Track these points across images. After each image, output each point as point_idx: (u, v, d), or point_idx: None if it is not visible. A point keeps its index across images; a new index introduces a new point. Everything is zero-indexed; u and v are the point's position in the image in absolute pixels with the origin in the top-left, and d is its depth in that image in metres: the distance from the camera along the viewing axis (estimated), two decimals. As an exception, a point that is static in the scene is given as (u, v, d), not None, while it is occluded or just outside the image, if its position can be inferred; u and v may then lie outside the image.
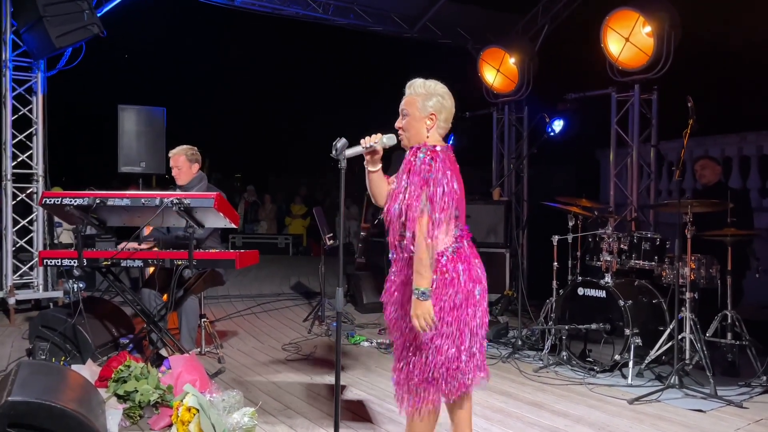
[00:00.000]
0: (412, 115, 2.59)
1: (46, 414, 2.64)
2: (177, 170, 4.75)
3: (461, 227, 2.61)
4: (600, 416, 3.78)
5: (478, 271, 2.61)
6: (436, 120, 2.59)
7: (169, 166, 4.85)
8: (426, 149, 2.50)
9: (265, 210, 15.43)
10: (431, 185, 2.43)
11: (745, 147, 8.18)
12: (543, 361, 4.85)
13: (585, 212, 5.18)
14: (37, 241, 6.57)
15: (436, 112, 2.58)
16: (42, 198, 3.90)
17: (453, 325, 2.52)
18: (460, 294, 2.52)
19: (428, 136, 2.59)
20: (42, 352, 4.29)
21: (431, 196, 2.43)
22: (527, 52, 7.91)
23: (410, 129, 2.61)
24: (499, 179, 8.37)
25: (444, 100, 2.61)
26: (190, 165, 4.77)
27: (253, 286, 8.78)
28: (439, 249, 2.53)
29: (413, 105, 2.59)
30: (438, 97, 2.59)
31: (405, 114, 2.61)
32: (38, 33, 5.80)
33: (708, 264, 4.71)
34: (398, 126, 2.64)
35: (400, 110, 2.64)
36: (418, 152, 2.51)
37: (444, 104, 2.61)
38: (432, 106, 2.58)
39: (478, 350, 2.59)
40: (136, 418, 3.51)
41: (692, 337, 4.34)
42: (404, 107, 2.62)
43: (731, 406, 3.92)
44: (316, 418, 3.66)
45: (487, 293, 2.64)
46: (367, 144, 2.60)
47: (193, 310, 4.67)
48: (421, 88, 2.60)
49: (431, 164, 2.45)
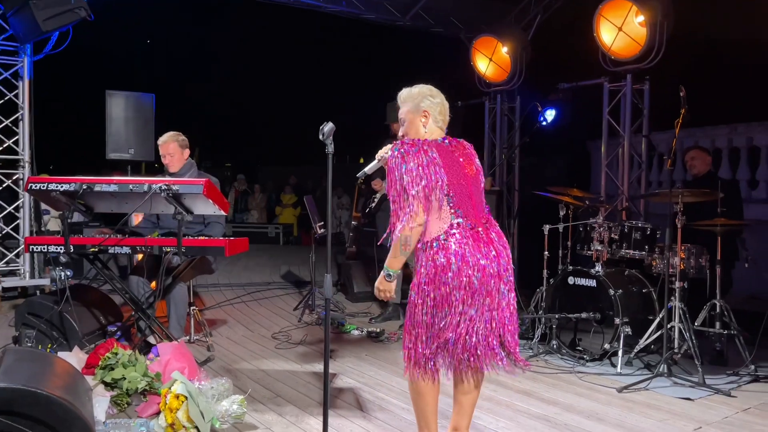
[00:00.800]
0: (408, 121, 2.84)
1: (31, 401, 2.60)
2: (169, 157, 4.71)
3: (461, 214, 2.68)
4: (589, 404, 3.79)
5: (478, 258, 2.64)
6: (430, 116, 2.81)
7: (159, 154, 4.80)
8: (401, 143, 2.69)
9: (255, 199, 15.36)
10: (404, 174, 2.62)
11: (735, 138, 8.21)
12: (533, 350, 4.86)
13: (576, 202, 5.18)
14: (24, 227, 6.49)
15: (427, 109, 2.81)
16: (28, 183, 3.83)
17: (448, 316, 2.62)
18: (453, 281, 2.60)
19: (426, 131, 2.81)
20: (28, 340, 4.24)
21: (407, 186, 2.61)
22: (520, 41, 7.87)
23: (409, 132, 2.84)
24: (491, 169, 8.35)
25: (432, 97, 2.84)
26: (182, 151, 4.75)
27: (243, 275, 8.74)
28: (431, 236, 2.64)
29: (405, 113, 2.85)
30: (426, 97, 2.83)
31: (403, 122, 2.87)
32: (24, 16, 5.70)
33: (698, 254, 4.73)
34: (400, 135, 2.88)
35: (400, 121, 2.89)
36: (393, 149, 2.70)
37: (433, 101, 2.83)
38: (423, 107, 2.82)
39: (488, 333, 2.70)
40: (124, 406, 3.48)
41: (681, 326, 4.36)
42: (401, 116, 2.87)
43: (719, 395, 3.94)
44: (306, 406, 3.65)
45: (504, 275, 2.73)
46: (379, 156, 2.89)
47: (181, 298, 4.64)
48: (410, 96, 2.85)
49: (404, 156, 2.64)
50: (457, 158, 2.77)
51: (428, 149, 2.67)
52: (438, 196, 2.62)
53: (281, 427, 3.34)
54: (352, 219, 8.07)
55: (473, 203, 2.76)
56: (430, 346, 2.66)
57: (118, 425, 3.19)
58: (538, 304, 5.21)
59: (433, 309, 2.64)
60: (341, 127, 2.79)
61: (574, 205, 5.19)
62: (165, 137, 4.75)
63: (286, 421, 3.42)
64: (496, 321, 2.72)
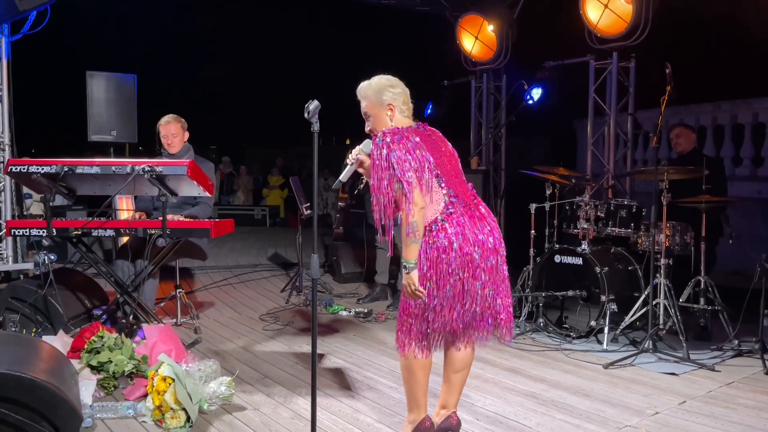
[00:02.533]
0: (374, 116, 2.80)
1: (15, 385, 2.58)
2: (172, 137, 4.73)
3: (453, 193, 2.69)
4: (576, 381, 3.83)
5: (476, 234, 2.67)
6: (395, 108, 2.78)
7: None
8: (383, 133, 2.65)
9: (241, 181, 15.26)
10: (394, 165, 2.58)
11: (720, 116, 8.25)
12: (520, 328, 4.89)
13: (562, 180, 5.18)
14: (5, 211, 6.37)
15: (391, 102, 2.78)
16: (8, 166, 3.76)
17: (451, 291, 2.63)
18: (456, 260, 2.62)
19: (393, 124, 2.77)
20: (12, 324, 4.19)
21: (400, 173, 2.57)
22: (506, 19, 7.81)
23: (377, 127, 2.79)
24: (477, 148, 8.34)
25: (394, 88, 2.79)
26: (183, 133, 4.79)
27: (230, 257, 8.70)
28: (428, 220, 2.65)
29: (370, 107, 2.80)
30: (387, 89, 2.78)
31: (368, 116, 2.82)
32: (0, -5, 5.55)
33: (683, 231, 4.77)
34: (368, 130, 2.83)
35: (364, 115, 2.84)
36: (375, 141, 2.66)
37: (395, 91, 2.79)
38: (387, 99, 2.77)
39: (488, 307, 2.72)
40: (111, 389, 3.46)
41: (666, 302, 4.40)
42: (365, 111, 2.83)
43: (703, 370, 4.00)
44: (294, 387, 3.65)
45: (500, 249, 2.75)
46: (352, 159, 2.83)
47: (151, 284, 4.55)
48: (369, 90, 2.80)
49: (389, 146, 2.60)
50: (435, 141, 2.80)
51: (409, 135, 2.67)
52: (428, 178, 2.62)
53: (270, 407, 3.34)
54: (338, 200, 8.04)
55: (460, 181, 2.78)
56: (432, 325, 2.67)
57: (105, 408, 3.18)
58: (524, 282, 5.24)
59: (435, 290, 2.63)
60: (327, 109, 2.75)
61: (561, 183, 5.20)
62: (168, 118, 4.78)
63: (275, 401, 3.43)
64: (495, 295, 2.73)
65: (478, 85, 8.44)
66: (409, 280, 2.62)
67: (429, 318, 2.67)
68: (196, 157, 4.73)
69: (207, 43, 16.86)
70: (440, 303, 2.64)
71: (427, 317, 2.67)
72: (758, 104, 7.81)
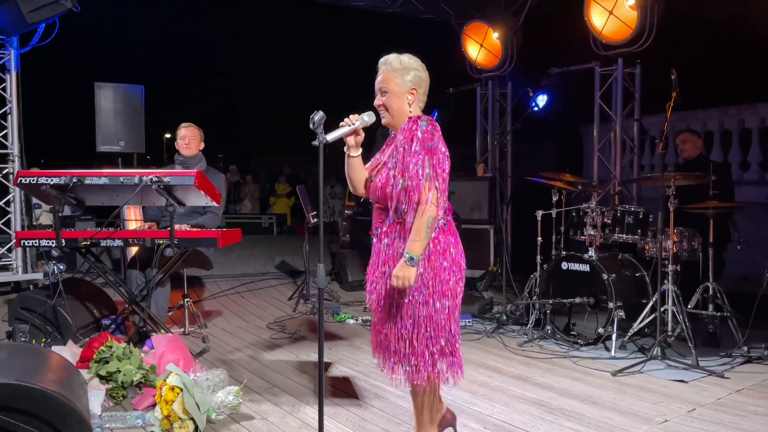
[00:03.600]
0: (392, 92, 2.56)
1: (26, 396, 2.59)
2: (191, 139, 4.85)
3: (446, 202, 2.62)
4: (584, 388, 3.81)
5: (461, 246, 2.64)
6: (417, 94, 2.58)
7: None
8: (426, 119, 2.49)
9: (247, 189, 15.32)
10: (435, 153, 2.45)
11: (727, 121, 8.23)
12: (527, 336, 4.88)
13: (569, 187, 5.18)
14: (15, 222, 6.44)
15: (416, 87, 2.57)
16: (17, 177, 3.80)
17: (450, 299, 2.56)
18: (453, 266, 2.57)
19: (411, 111, 2.58)
20: (22, 335, 4.23)
21: (435, 165, 2.44)
22: (511, 26, 7.83)
23: (392, 105, 2.57)
24: (483, 155, 8.34)
25: (421, 73, 2.59)
26: (200, 140, 4.91)
27: (237, 266, 8.73)
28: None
29: (392, 81, 2.56)
30: (415, 71, 2.57)
31: (384, 91, 2.57)
32: (9, 8, 5.63)
33: (690, 237, 4.75)
34: (378, 104, 2.60)
35: (378, 88, 2.60)
36: (419, 121, 2.49)
37: (422, 77, 2.60)
38: (411, 81, 2.56)
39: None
40: (120, 399, 3.48)
41: (674, 309, 4.38)
42: (383, 84, 2.58)
43: (713, 377, 3.97)
44: (301, 395, 3.65)
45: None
46: (351, 123, 2.54)
47: (163, 293, 4.59)
48: (397, 63, 2.57)
49: (434, 133, 2.46)
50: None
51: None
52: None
53: (277, 416, 3.34)
54: (345, 208, 8.06)
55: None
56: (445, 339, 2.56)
57: (113, 418, 3.19)
58: (532, 289, 5.23)
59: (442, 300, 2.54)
60: (330, 117, 2.69)
61: (567, 190, 5.20)
62: (189, 123, 4.92)
63: (282, 410, 3.43)
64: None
65: (484, 92, 8.46)
66: (408, 273, 2.43)
67: (447, 333, 2.54)
68: (208, 168, 4.80)
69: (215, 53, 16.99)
70: (441, 314, 2.55)
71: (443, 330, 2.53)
72: (765, 109, 7.79)
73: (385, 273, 2.61)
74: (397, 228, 2.57)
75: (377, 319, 2.69)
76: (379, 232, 2.65)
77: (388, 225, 2.60)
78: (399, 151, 2.52)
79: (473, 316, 5.49)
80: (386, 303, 2.60)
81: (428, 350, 2.53)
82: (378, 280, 2.65)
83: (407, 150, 2.47)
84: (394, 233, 2.59)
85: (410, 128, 2.50)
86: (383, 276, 2.61)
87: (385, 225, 2.61)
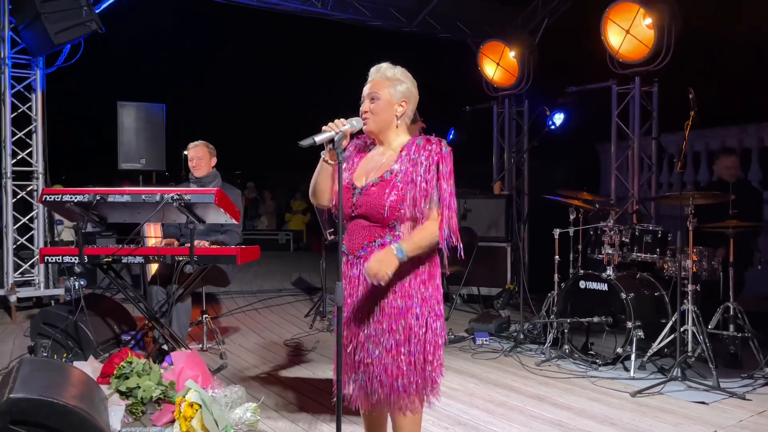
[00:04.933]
0: (382, 99, 2.44)
1: (48, 411, 2.63)
2: (197, 160, 4.86)
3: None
4: (603, 409, 3.78)
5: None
6: (406, 108, 2.48)
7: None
8: (445, 143, 2.41)
9: (264, 206, 15.43)
10: (451, 178, 2.38)
11: (746, 139, 8.16)
12: (545, 355, 4.85)
13: (586, 205, 5.17)
14: (38, 238, 6.56)
15: (406, 99, 2.47)
16: (42, 195, 3.88)
17: (441, 326, 2.48)
18: (438, 296, 2.49)
19: (398, 124, 2.48)
20: (44, 350, 4.29)
21: (452, 193, 2.38)
22: (527, 45, 7.88)
23: (380, 113, 2.45)
24: (500, 173, 8.36)
25: (412, 87, 2.50)
26: (210, 158, 4.92)
27: (254, 282, 8.78)
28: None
29: (383, 89, 2.45)
30: (407, 84, 2.48)
31: (375, 98, 2.45)
32: (37, 30, 5.78)
33: (710, 256, 4.71)
34: (365, 110, 2.46)
35: (367, 94, 2.47)
36: (442, 145, 2.39)
37: (413, 92, 2.50)
38: (402, 93, 2.46)
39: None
40: (139, 414, 3.51)
41: (694, 329, 4.34)
42: (374, 90, 2.45)
43: (734, 398, 3.91)
44: (319, 413, 3.66)
45: None
46: (340, 128, 2.34)
47: (184, 308, 4.62)
48: (391, 72, 2.47)
49: (451, 157, 2.39)
50: None
51: None
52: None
53: (295, 434, 3.35)
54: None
55: None
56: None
57: (133, 434, 3.22)
58: (549, 308, 5.20)
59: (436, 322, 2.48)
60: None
61: (585, 208, 5.19)
62: (196, 142, 4.94)
63: (300, 428, 3.44)
64: None
65: (500, 110, 8.49)
66: (391, 265, 2.28)
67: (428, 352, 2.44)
68: (223, 184, 4.83)
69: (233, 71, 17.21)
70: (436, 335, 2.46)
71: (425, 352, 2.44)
72: (785, 126, 7.72)
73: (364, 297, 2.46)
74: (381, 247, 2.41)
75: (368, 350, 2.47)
76: (366, 253, 2.42)
77: (379, 245, 2.40)
78: (414, 170, 2.37)
79: (490, 334, 5.47)
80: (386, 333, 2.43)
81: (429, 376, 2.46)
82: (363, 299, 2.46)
83: (429, 172, 2.36)
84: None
85: (435, 150, 2.38)
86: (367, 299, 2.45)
87: (375, 246, 2.41)
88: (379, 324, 2.43)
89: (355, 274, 2.48)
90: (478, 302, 7.01)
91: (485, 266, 6.90)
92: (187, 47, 15.56)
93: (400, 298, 2.41)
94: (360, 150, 2.61)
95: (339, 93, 16.20)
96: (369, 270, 2.30)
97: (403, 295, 2.41)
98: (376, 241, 2.41)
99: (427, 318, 2.43)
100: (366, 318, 2.46)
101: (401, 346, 2.40)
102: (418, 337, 2.41)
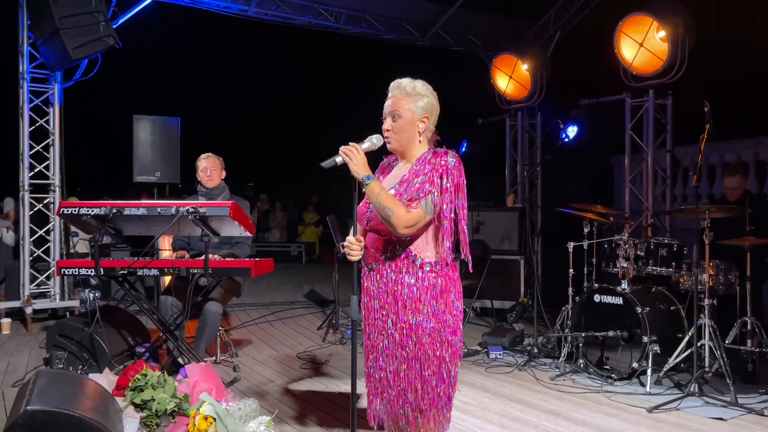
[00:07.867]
0: (404, 117, 2.43)
1: (64, 423, 2.65)
2: (212, 171, 4.90)
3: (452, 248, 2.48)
4: (619, 425, 3.74)
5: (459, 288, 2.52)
6: (428, 123, 2.46)
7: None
8: (453, 154, 2.40)
9: (276, 218, 15.48)
10: (460, 190, 2.37)
11: (761, 152, 8.09)
12: (559, 369, 4.81)
13: (600, 218, 5.14)
14: (54, 250, 6.63)
15: (428, 115, 2.45)
16: (60, 208, 3.93)
17: (456, 342, 2.45)
18: (453, 311, 2.45)
19: (420, 140, 2.47)
20: (59, 361, 4.32)
21: (462, 205, 2.36)
22: (540, 58, 7.89)
23: (402, 132, 2.44)
24: (513, 186, 8.34)
25: (433, 101, 2.47)
26: (221, 170, 4.97)
27: (267, 294, 8.79)
28: (443, 255, 2.43)
29: (404, 106, 2.43)
30: (428, 98, 2.46)
31: (397, 116, 2.44)
32: (55, 45, 5.87)
33: (726, 270, 4.66)
34: (387, 128, 2.46)
35: (389, 112, 2.46)
36: (447, 156, 2.38)
37: (434, 105, 2.48)
38: (424, 108, 2.44)
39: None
40: (153, 427, 3.51)
41: (711, 344, 4.29)
42: (395, 108, 2.44)
43: (752, 414, 3.86)
44: (332, 427, 3.65)
45: None
46: (356, 154, 2.37)
47: (213, 321, 4.60)
48: (411, 88, 2.45)
49: (461, 169, 2.38)
50: None
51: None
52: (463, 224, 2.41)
53: (308, 448, 3.34)
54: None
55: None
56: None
57: (147, 447, 3.22)
58: (564, 322, 5.16)
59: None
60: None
61: (599, 221, 5.16)
62: (207, 154, 4.98)
63: (313, 442, 3.43)
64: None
65: (513, 123, 8.50)
66: (361, 168, 2.34)
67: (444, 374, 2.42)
68: (232, 196, 4.86)
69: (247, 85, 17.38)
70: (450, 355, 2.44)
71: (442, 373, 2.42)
72: (801, 139, 7.64)
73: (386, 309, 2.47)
74: (405, 263, 2.41)
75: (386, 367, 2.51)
76: (378, 267, 2.46)
77: (390, 261, 2.42)
78: (415, 180, 2.38)
79: (504, 348, 5.43)
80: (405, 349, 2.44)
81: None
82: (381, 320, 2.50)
83: (434, 183, 2.35)
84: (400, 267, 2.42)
85: (439, 162, 2.38)
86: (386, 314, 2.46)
87: (386, 257, 2.43)
88: (391, 338, 2.45)
89: (368, 287, 2.53)
90: (491, 315, 6.98)
91: (498, 279, 6.87)
92: (203, 61, 15.75)
93: (411, 313, 2.40)
94: (384, 169, 2.66)
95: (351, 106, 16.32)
96: (344, 148, 2.38)
97: (414, 310, 2.40)
98: (387, 253, 2.43)
99: (441, 333, 2.41)
100: (380, 331, 2.49)
101: (413, 361, 2.40)
102: (427, 352, 2.40)
